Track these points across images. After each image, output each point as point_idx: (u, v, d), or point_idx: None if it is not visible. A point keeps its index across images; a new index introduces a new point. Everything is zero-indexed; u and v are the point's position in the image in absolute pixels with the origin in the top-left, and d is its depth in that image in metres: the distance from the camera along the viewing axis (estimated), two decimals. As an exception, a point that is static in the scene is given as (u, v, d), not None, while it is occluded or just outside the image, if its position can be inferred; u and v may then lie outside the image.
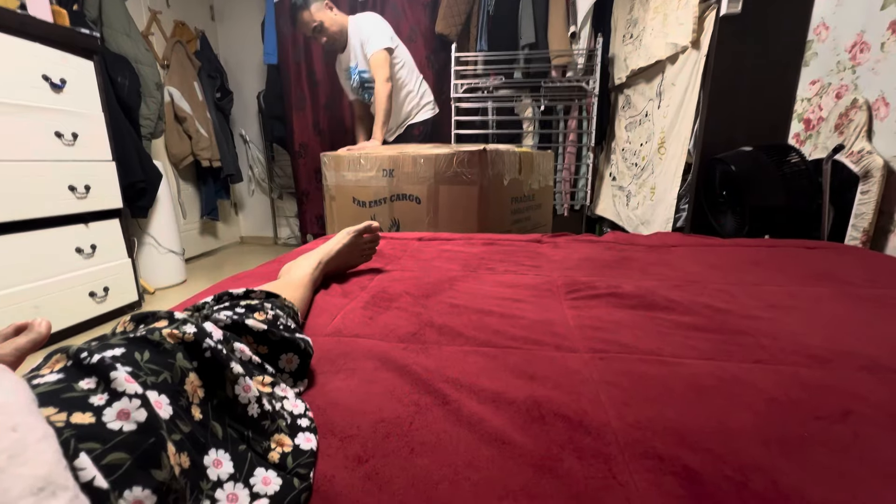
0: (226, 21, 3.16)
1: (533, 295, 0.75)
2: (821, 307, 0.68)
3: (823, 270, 0.87)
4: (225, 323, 0.43)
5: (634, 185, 2.14)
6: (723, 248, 1.08)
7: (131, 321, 0.38)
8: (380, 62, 1.88)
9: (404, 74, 2.03)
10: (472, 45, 2.63)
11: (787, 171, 1.27)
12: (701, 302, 0.70)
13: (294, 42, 2.81)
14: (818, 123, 1.39)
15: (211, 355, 0.34)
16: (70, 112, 1.56)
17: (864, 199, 1.15)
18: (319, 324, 0.64)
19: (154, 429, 0.26)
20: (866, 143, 1.18)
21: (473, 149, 1.42)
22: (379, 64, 1.88)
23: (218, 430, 0.33)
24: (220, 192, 2.99)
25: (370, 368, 0.50)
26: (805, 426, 0.40)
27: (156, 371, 0.31)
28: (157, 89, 2.24)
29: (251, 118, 3.27)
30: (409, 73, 2.06)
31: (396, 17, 2.68)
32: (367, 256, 0.92)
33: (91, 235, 1.65)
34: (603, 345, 0.56)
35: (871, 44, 1.21)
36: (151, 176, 2.12)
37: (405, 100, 2.08)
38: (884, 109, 1.16)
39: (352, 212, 1.63)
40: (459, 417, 0.41)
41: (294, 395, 0.42)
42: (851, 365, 0.50)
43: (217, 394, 0.35)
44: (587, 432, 0.39)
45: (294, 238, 3.41)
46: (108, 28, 2.03)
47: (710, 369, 0.49)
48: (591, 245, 1.13)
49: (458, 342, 0.57)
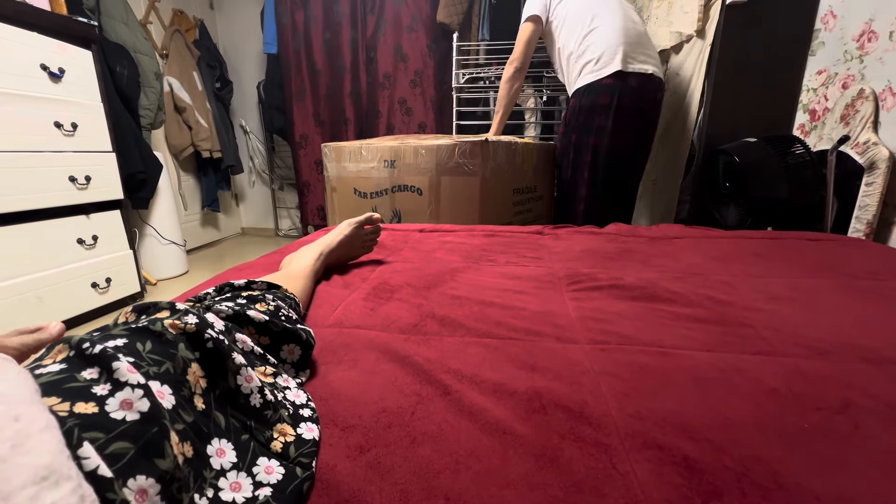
0: (225, 10, 3.12)
1: (534, 286, 0.75)
2: (822, 299, 0.68)
3: (826, 263, 0.87)
4: (227, 314, 0.43)
5: (637, 176, 2.12)
6: (725, 239, 1.07)
7: (133, 312, 0.38)
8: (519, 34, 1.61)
9: (564, 36, 1.53)
10: (473, 35, 2.60)
11: (791, 163, 1.26)
12: (702, 294, 0.69)
13: (294, 31, 2.78)
14: (824, 114, 1.38)
15: (213, 346, 0.35)
16: (69, 102, 1.55)
17: (868, 190, 1.14)
18: (321, 315, 0.64)
19: (157, 418, 0.26)
20: (872, 135, 1.16)
21: (475, 139, 1.41)
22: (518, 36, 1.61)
23: (220, 419, 0.33)
24: (221, 184, 2.98)
25: (372, 359, 0.50)
26: (805, 417, 0.40)
27: (158, 361, 0.31)
28: (156, 79, 2.22)
29: (251, 108, 3.25)
30: (570, 33, 1.52)
31: (397, 5, 2.65)
32: (368, 248, 0.92)
33: (92, 226, 1.65)
34: (604, 336, 0.56)
35: (880, 32, 1.19)
36: (151, 167, 2.11)
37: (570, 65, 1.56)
38: (891, 100, 1.15)
39: (353, 203, 1.63)
40: (461, 408, 0.41)
41: (296, 386, 0.43)
42: (852, 356, 0.50)
43: (219, 384, 0.35)
44: (588, 423, 0.39)
45: (295, 229, 3.41)
46: (105, 17, 2.01)
47: (710, 360, 0.49)
48: (592, 237, 1.13)
49: (460, 333, 0.58)
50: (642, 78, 1.44)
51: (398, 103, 2.79)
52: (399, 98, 2.78)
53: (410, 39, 2.69)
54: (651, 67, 1.45)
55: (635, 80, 1.43)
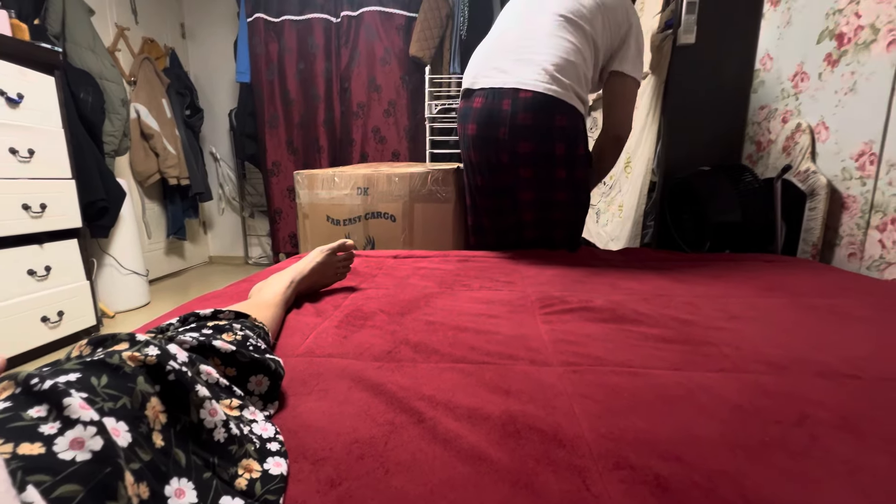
0: (197, 39, 3.13)
1: (508, 310, 0.76)
2: (778, 317, 0.72)
3: (779, 282, 0.92)
4: (191, 345, 0.42)
5: (603, 203, 2.21)
6: (687, 262, 1.12)
7: (88, 345, 0.36)
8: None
9: None
10: (445, 68, 2.70)
11: (742, 190, 1.35)
12: (668, 314, 0.72)
13: (268, 61, 2.81)
14: (768, 145, 1.50)
15: (175, 378, 0.33)
16: (27, 128, 1.49)
17: (811, 215, 1.23)
18: (291, 344, 0.62)
19: (110, 458, 0.25)
20: (811, 164, 1.27)
21: (447, 167, 1.45)
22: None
23: (181, 457, 0.31)
24: (189, 211, 2.90)
25: (344, 388, 0.49)
26: (766, 431, 0.41)
27: (114, 396, 0.29)
28: (122, 106, 2.17)
29: (222, 136, 3.22)
30: None
31: (371, 39, 2.73)
32: (341, 275, 0.91)
33: (46, 256, 1.56)
34: (576, 358, 0.57)
35: (810, 73, 1.32)
36: (114, 194, 2.04)
37: None
38: (824, 133, 1.26)
39: (326, 230, 1.62)
40: (435, 435, 0.41)
41: (264, 418, 0.41)
42: (807, 371, 0.53)
43: (181, 419, 0.33)
44: (561, 445, 0.39)
45: (266, 257, 3.33)
46: (71, 43, 1.98)
47: (677, 379, 0.51)
48: (563, 261, 1.16)
49: (434, 359, 0.57)
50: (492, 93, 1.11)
51: (372, 132, 2.84)
52: (373, 127, 2.83)
53: (384, 71, 2.76)
54: (515, 79, 1.09)
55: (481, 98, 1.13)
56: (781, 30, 1.44)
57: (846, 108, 1.19)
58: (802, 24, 1.35)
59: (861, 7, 1.15)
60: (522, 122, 1.08)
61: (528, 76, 1.08)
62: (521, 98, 1.07)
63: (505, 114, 1.09)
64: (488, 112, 1.11)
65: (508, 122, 1.09)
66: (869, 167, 1.12)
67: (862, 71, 1.15)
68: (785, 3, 1.43)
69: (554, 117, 1.08)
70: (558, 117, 1.09)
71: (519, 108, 1.07)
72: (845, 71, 1.20)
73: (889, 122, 1.07)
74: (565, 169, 1.14)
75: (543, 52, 1.09)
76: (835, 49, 1.23)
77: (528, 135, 1.09)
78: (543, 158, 1.12)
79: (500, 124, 1.10)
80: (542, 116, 1.08)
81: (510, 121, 1.09)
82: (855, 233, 1.16)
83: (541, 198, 1.18)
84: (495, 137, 1.12)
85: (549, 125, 1.09)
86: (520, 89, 1.07)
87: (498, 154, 1.14)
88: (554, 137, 1.10)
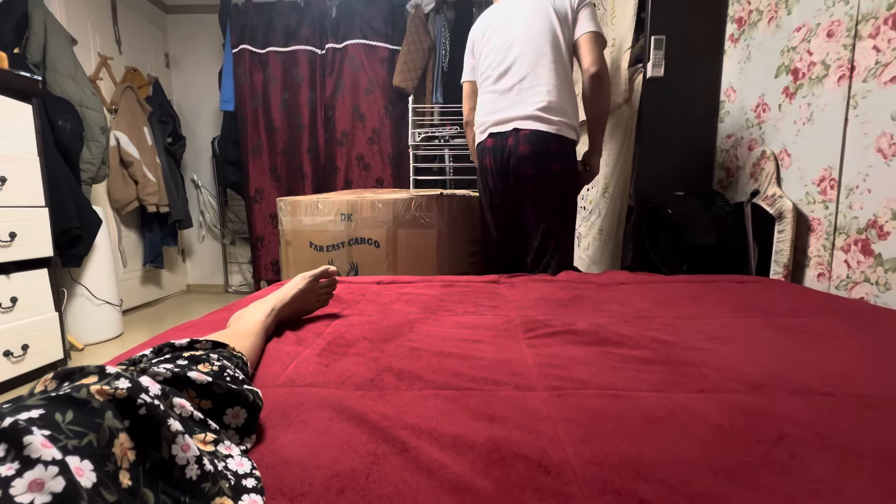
0: (181, 69, 3.16)
1: (492, 335, 0.76)
2: (753, 337, 0.73)
3: (754, 303, 0.95)
4: (164, 377, 0.40)
5: (584, 227, 2.26)
6: (666, 284, 1.15)
7: (54, 379, 0.34)
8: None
9: None
10: (428, 98, 2.78)
11: (715, 213, 1.40)
12: (649, 336, 0.73)
13: (252, 91, 2.84)
14: (736, 171, 1.57)
15: (146, 412, 0.32)
16: (1, 155, 1.46)
17: (780, 237, 1.29)
18: (271, 374, 0.60)
19: (72, 499, 0.23)
20: (777, 189, 1.33)
21: (431, 193, 1.47)
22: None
23: (149, 497, 0.30)
24: (167, 239, 2.84)
25: (325, 419, 0.48)
26: (748, 451, 0.42)
27: (79, 433, 0.28)
28: (101, 133, 2.15)
29: (204, 163, 3.20)
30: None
31: (355, 70, 2.80)
32: (323, 301, 0.90)
33: (12, 287, 1.50)
34: (560, 382, 0.57)
35: (771, 105, 1.40)
36: (89, 222, 1.98)
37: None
38: (787, 160, 1.33)
39: (309, 256, 1.60)
40: (419, 466, 0.40)
41: (240, 453, 0.39)
42: (783, 389, 0.54)
43: (151, 456, 0.31)
44: (547, 472, 0.39)
45: (247, 285, 3.26)
46: (51, 71, 1.97)
47: (659, 400, 0.51)
48: (546, 284, 1.17)
49: (418, 386, 0.56)
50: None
51: (356, 159, 2.87)
52: (357, 154, 2.86)
53: (368, 101, 2.82)
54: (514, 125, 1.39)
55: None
56: (742, 65, 1.54)
57: (805, 136, 1.27)
58: (760, 60, 1.45)
59: (812, 45, 1.25)
60: (523, 153, 1.38)
61: (525, 119, 1.38)
62: (521, 134, 1.39)
63: (510, 148, 1.40)
64: (499, 148, 1.43)
65: (513, 153, 1.40)
66: (830, 191, 1.19)
67: (817, 103, 1.23)
68: (744, 41, 1.53)
69: (548, 145, 1.38)
70: (552, 144, 1.38)
71: (520, 142, 1.39)
72: (802, 103, 1.28)
73: (845, 149, 1.15)
74: (560, 185, 1.42)
75: (534, 97, 1.38)
76: (791, 83, 1.32)
77: (528, 161, 1.39)
78: (543, 177, 1.40)
79: (508, 156, 1.41)
80: (538, 146, 1.37)
81: (514, 152, 1.40)
82: (822, 254, 1.21)
83: (541, 215, 1.44)
84: (505, 167, 1.43)
85: (546, 151, 1.38)
86: (519, 129, 1.39)
87: (507, 178, 1.44)
88: (550, 160, 1.39)
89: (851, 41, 1.12)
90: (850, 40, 1.12)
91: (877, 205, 1.06)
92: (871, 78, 1.07)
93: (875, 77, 1.06)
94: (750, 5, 1.50)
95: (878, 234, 1.06)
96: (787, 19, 1.34)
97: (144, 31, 2.88)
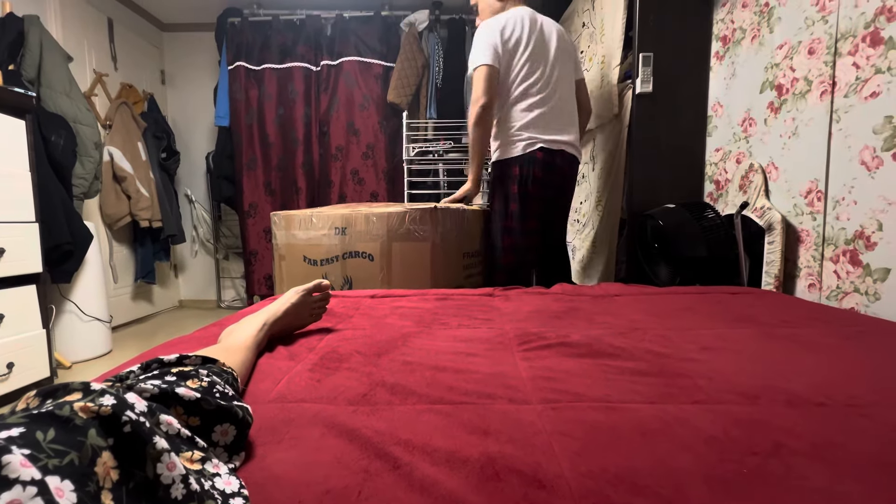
0: (177, 85, 3.18)
1: (486, 348, 0.75)
2: (746, 347, 0.74)
3: (746, 314, 0.95)
4: (152, 393, 0.40)
5: (578, 239, 2.27)
6: (659, 295, 1.15)
7: (36, 396, 0.33)
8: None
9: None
10: (421, 113, 2.81)
11: (706, 225, 1.42)
12: (643, 347, 0.73)
13: (248, 106, 2.86)
14: (726, 184, 1.59)
15: (131, 430, 0.31)
16: (-9, 171, 1.45)
17: (771, 248, 1.30)
18: (262, 389, 0.59)
19: None
20: (766, 201, 1.35)
21: (425, 207, 1.47)
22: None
23: (133, 518, 0.29)
24: (159, 254, 2.82)
25: (316, 435, 0.47)
26: (743, 462, 0.41)
27: (61, 452, 0.27)
28: (95, 149, 2.15)
29: (198, 178, 3.20)
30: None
31: (350, 86, 2.83)
32: (316, 316, 0.89)
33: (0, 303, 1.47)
34: (555, 395, 0.57)
35: (757, 119, 1.44)
36: (80, 238, 1.97)
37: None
38: (775, 172, 1.36)
39: (302, 270, 1.59)
40: (412, 482, 0.39)
41: (227, 472, 0.38)
42: (777, 400, 0.54)
43: (135, 475, 0.31)
44: (542, 487, 0.38)
45: (240, 300, 3.23)
46: (46, 88, 1.97)
47: (654, 412, 0.51)
48: (540, 297, 1.17)
49: (411, 401, 0.56)
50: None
51: (350, 174, 2.88)
52: (351, 169, 2.88)
53: (362, 116, 2.85)
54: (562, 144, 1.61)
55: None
56: (728, 81, 1.58)
57: (791, 150, 1.30)
58: (745, 76, 1.49)
59: (794, 62, 1.28)
60: (567, 173, 1.65)
61: (571, 145, 1.62)
62: (567, 155, 1.61)
63: (558, 165, 1.61)
64: (550, 164, 1.59)
65: (559, 170, 1.61)
66: (817, 203, 1.21)
67: (801, 117, 1.26)
68: (729, 58, 1.58)
69: (575, 165, 1.68)
70: (577, 167, 1.70)
71: (565, 163, 1.62)
72: (787, 117, 1.31)
73: (830, 162, 1.17)
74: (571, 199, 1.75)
75: (574, 125, 1.66)
76: (776, 98, 1.36)
77: (568, 179, 1.67)
78: (571, 193, 1.72)
79: (556, 171, 1.60)
80: (573, 170, 1.68)
81: (560, 170, 1.61)
82: (812, 264, 1.22)
83: (564, 223, 1.79)
84: (550, 181, 1.60)
85: (575, 174, 1.70)
86: (565, 151, 1.60)
87: (549, 190, 1.62)
88: (575, 175, 1.71)
89: (832, 58, 1.16)
90: (831, 57, 1.16)
91: (863, 216, 1.08)
92: (853, 93, 1.10)
93: (856, 92, 1.09)
94: (734, 24, 1.55)
95: (866, 244, 1.07)
96: (769, 37, 1.38)
97: (140, 48, 2.91)
